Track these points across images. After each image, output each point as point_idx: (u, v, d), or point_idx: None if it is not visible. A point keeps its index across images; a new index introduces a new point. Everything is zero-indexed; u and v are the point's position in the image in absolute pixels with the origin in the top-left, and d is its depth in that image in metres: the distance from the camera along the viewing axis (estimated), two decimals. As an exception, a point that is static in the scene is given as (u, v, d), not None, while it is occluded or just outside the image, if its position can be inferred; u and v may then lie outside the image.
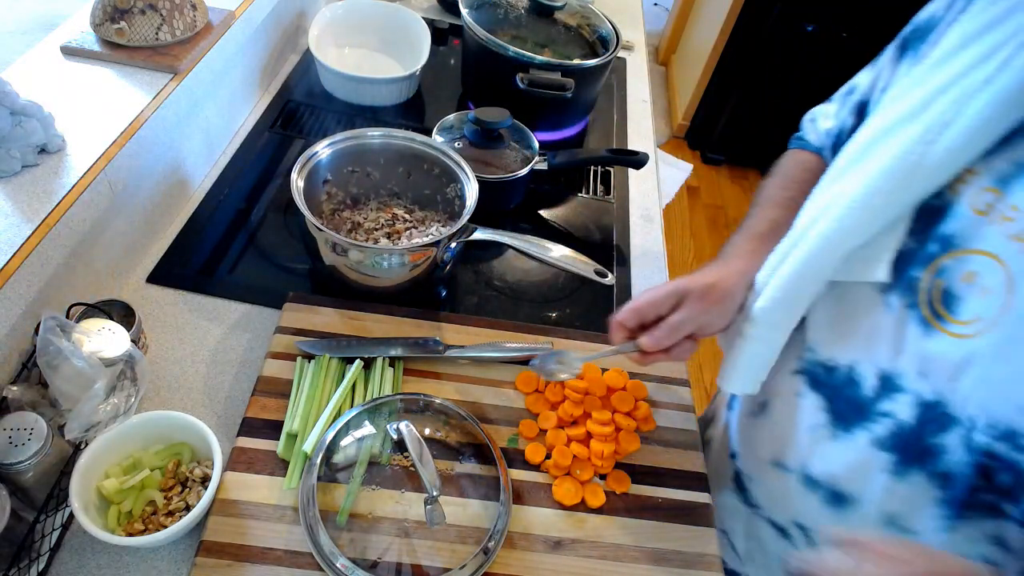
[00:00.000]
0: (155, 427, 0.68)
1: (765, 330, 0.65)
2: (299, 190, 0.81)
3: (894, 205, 0.57)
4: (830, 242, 0.59)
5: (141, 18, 0.87)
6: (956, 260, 0.54)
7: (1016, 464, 0.51)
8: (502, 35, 1.18)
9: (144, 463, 0.67)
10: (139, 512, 0.64)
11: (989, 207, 0.53)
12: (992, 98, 0.51)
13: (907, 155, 0.55)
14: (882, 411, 0.59)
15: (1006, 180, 0.52)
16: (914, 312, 0.56)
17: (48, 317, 0.63)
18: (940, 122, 0.54)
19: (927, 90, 0.56)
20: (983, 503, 0.55)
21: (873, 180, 0.57)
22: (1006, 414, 0.51)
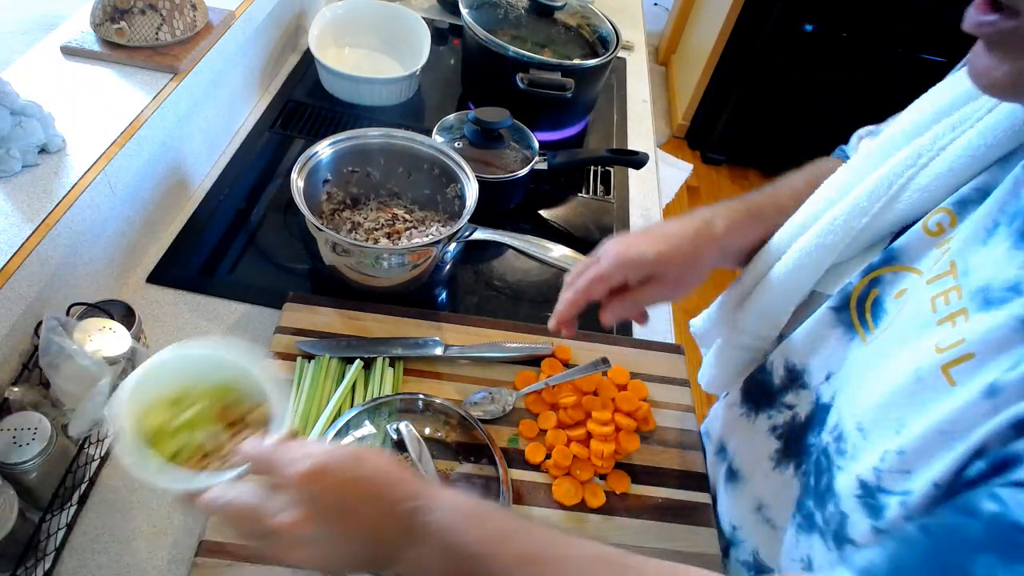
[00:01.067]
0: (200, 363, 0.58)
1: (751, 339, 0.66)
2: (299, 190, 0.81)
3: (874, 227, 0.56)
4: (811, 258, 0.59)
5: (141, 18, 0.87)
6: (894, 275, 0.53)
7: (831, 467, 0.50)
8: (502, 35, 1.18)
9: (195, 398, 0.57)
10: (188, 456, 0.54)
11: (940, 228, 0.51)
12: (985, 128, 0.49)
13: (895, 177, 0.54)
14: (786, 403, 0.61)
15: (964, 204, 0.50)
16: (841, 315, 0.56)
17: (50, 317, 0.63)
18: (933, 147, 0.52)
19: (933, 107, 0.54)
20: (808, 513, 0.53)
21: (858, 199, 0.56)
22: (846, 420, 0.50)
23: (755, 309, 0.64)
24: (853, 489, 0.47)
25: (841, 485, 0.49)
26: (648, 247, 0.62)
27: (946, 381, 0.43)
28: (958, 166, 0.51)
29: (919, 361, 0.45)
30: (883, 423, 0.47)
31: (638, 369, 0.83)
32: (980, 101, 0.51)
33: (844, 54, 2.62)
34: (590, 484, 0.72)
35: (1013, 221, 0.45)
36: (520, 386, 0.79)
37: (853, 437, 0.49)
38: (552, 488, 0.72)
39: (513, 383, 0.80)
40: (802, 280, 0.60)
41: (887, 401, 0.47)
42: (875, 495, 0.46)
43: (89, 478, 0.67)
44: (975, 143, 0.50)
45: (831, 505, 0.50)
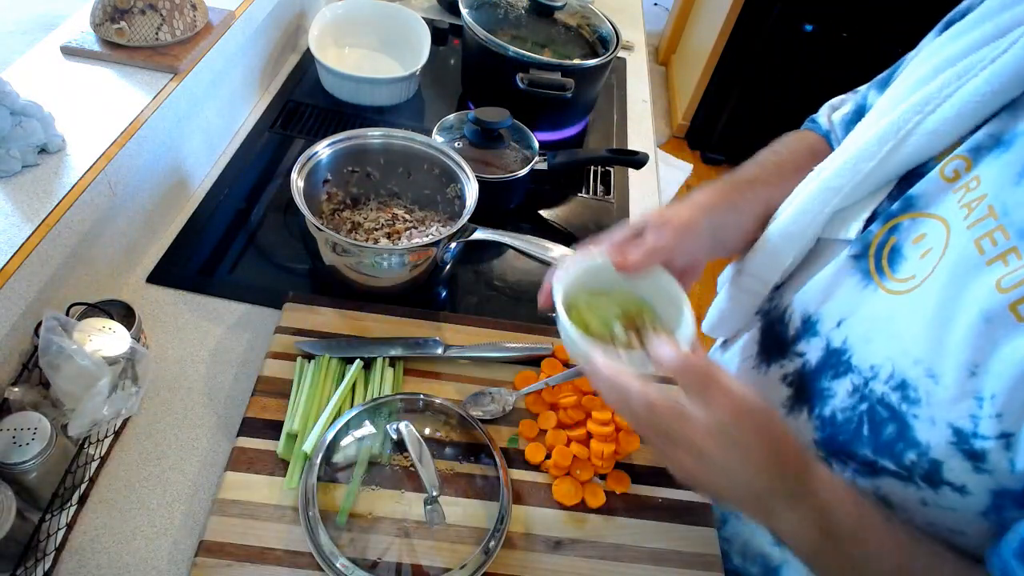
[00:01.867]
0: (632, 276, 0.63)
1: (752, 281, 0.68)
2: (299, 190, 0.81)
3: (881, 170, 0.57)
4: (817, 199, 0.61)
5: (141, 18, 0.87)
6: (912, 221, 0.55)
7: (902, 415, 0.51)
8: (502, 35, 1.18)
9: (611, 300, 0.64)
10: (597, 331, 0.60)
11: (956, 174, 0.53)
12: (991, 75, 0.51)
13: (903, 122, 0.56)
14: (797, 351, 0.62)
15: (978, 150, 0.52)
16: (859, 263, 0.57)
17: (50, 316, 0.63)
18: (940, 95, 0.54)
19: (937, 61, 0.56)
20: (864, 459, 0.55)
21: (866, 144, 0.58)
22: (903, 366, 0.51)
23: (760, 251, 0.66)
24: (945, 437, 0.48)
25: (926, 434, 0.49)
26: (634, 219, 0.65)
27: (1015, 319, 0.44)
28: (965, 111, 0.52)
29: (982, 302, 0.46)
30: (955, 367, 0.47)
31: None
32: (983, 52, 0.53)
33: (844, 54, 2.62)
34: (590, 484, 0.72)
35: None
36: (520, 386, 0.79)
37: (924, 384, 0.49)
38: (552, 488, 0.72)
39: (513, 383, 0.80)
40: (807, 223, 0.62)
41: (956, 346, 0.47)
42: (970, 441, 0.47)
43: (89, 478, 0.67)
44: (981, 89, 0.51)
45: (911, 453, 0.50)
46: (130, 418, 0.73)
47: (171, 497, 0.68)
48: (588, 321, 0.62)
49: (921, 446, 0.50)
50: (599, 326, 0.62)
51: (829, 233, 0.61)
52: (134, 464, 0.70)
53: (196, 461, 0.71)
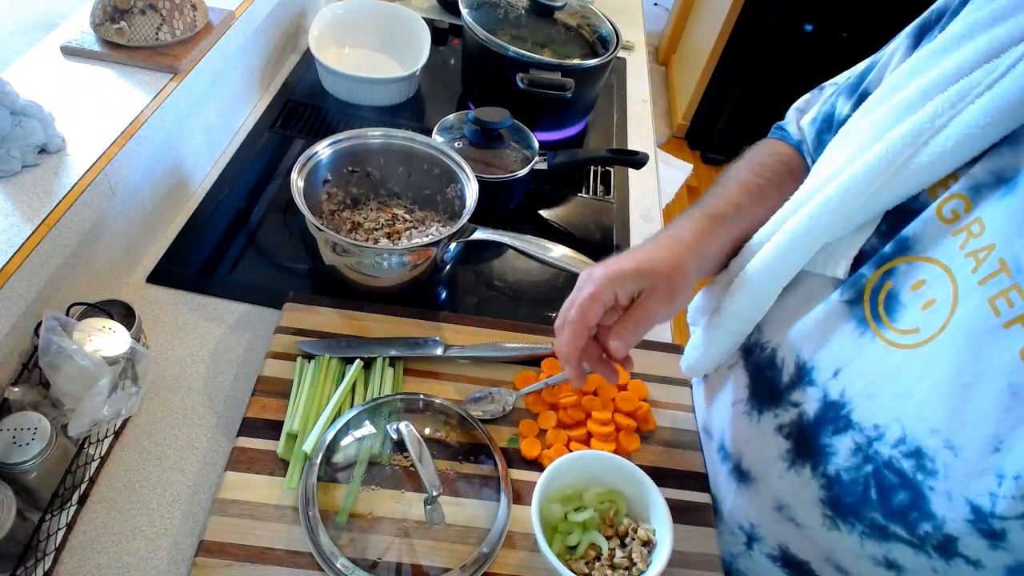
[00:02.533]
0: (597, 467, 0.68)
1: (733, 322, 0.64)
2: (299, 190, 0.81)
3: (871, 206, 0.54)
4: (802, 239, 0.57)
5: (141, 18, 0.87)
6: (909, 265, 0.51)
7: (916, 485, 0.49)
8: (502, 35, 1.18)
9: (585, 501, 0.68)
10: (582, 553, 0.64)
11: (955, 215, 0.49)
12: (990, 105, 0.47)
13: (894, 157, 0.52)
14: (792, 400, 0.59)
15: (978, 190, 0.49)
16: (854, 309, 0.54)
17: (50, 316, 0.63)
18: (932, 125, 0.50)
19: (925, 83, 0.52)
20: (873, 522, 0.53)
21: (854, 179, 0.54)
22: (918, 433, 0.48)
23: (741, 290, 0.62)
24: (963, 514, 0.46)
25: (942, 508, 0.47)
26: (627, 262, 0.60)
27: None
28: (962, 143, 0.49)
29: (1009, 374, 0.43)
30: (977, 441, 0.45)
31: (638, 369, 0.83)
32: (975, 76, 0.49)
33: (844, 54, 2.62)
34: (590, 484, 0.72)
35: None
36: (520, 386, 0.79)
37: (943, 456, 0.47)
38: (552, 488, 0.72)
39: (513, 383, 0.80)
40: (792, 261, 0.58)
41: (978, 418, 0.45)
42: (988, 520, 0.45)
43: (89, 478, 0.67)
44: (980, 120, 0.47)
45: (926, 525, 0.48)
46: (130, 418, 0.73)
47: (171, 497, 0.68)
48: (569, 538, 0.66)
49: (936, 519, 0.48)
50: (581, 541, 0.65)
51: (813, 267, 0.58)
52: (134, 464, 0.70)
53: (196, 461, 0.71)
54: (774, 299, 0.61)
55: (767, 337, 0.64)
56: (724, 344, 0.67)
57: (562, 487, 0.68)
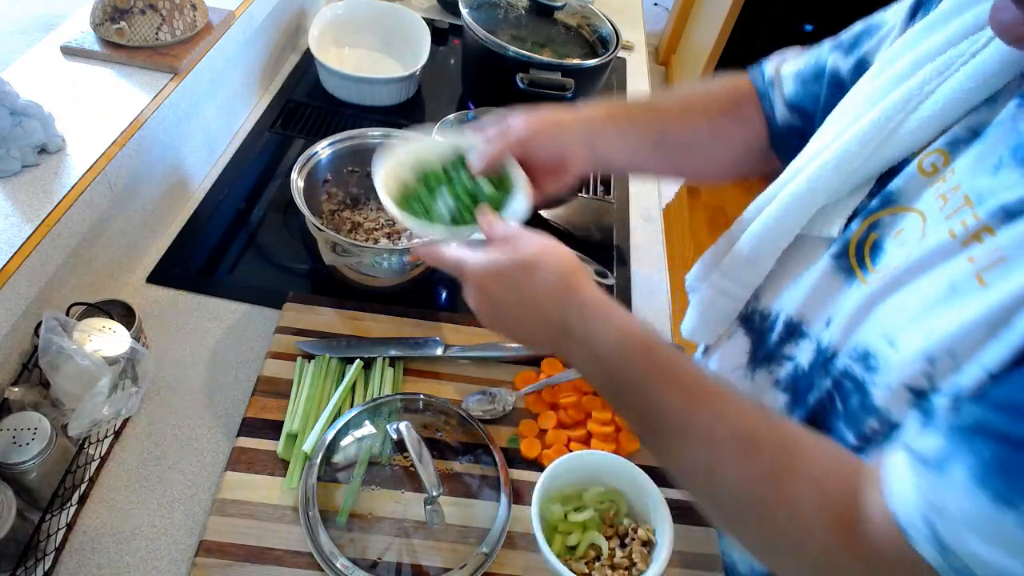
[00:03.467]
0: (597, 467, 0.69)
1: (732, 284, 0.67)
2: (299, 190, 0.81)
3: (865, 169, 0.58)
4: (803, 201, 0.60)
5: (141, 18, 0.87)
6: (892, 216, 0.55)
7: (863, 384, 0.52)
8: (502, 35, 1.18)
9: (585, 501, 0.68)
10: (582, 553, 0.65)
11: (935, 168, 0.53)
12: (973, 71, 0.51)
13: (886, 121, 0.56)
14: (786, 354, 0.62)
15: (956, 144, 0.52)
16: (842, 262, 0.58)
17: (50, 316, 0.63)
18: (922, 91, 0.54)
19: (917, 55, 0.56)
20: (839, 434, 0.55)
21: (849, 144, 0.58)
22: (869, 339, 0.52)
23: (742, 254, 0.65)
24: (903, 398, 0.49)
25: (881, 399, 0.50)
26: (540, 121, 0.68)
27: (978, 283, 0.45)
28: (948, 107, 0.53)
29: (952, 274, 0.47)
30: (914, 331, 0.48)
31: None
32: (963, 46, 0.53)
33: (844, 54, 2.62)
34: (590, 484, 0.72)
35: (1016, 153, 0.47)
36: (520, 386, 0.79)
37: (883, 351, 0.50)
38: (552, 488, 0.72)
39: (513, 383, 0.80)
40: (790, 224, 0.62)
41: (917, 313, 0.48)
42: (928, 397, 0.47)
43: (89, 478, 0.67)
44: (964, 85, 0.52)
45: (872, 420, 0.51)
46: (130, 418, 0.73)
47: (171, 497, 0.68)
48: (570, 538, 0.67)
49: (880, 411, 0.50)
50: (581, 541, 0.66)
51: (810, 230, 0.61)
52: (134, 464, 0.70)
53: (196, 461, 0.71)
54: (773, 262, 0.64)
55: (764, 303, 0.66)
56: (723, 308, 0.69)
57: (562, 487, 0.68)
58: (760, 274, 0.65)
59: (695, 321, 0.73)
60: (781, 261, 0.64)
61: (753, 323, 0.67)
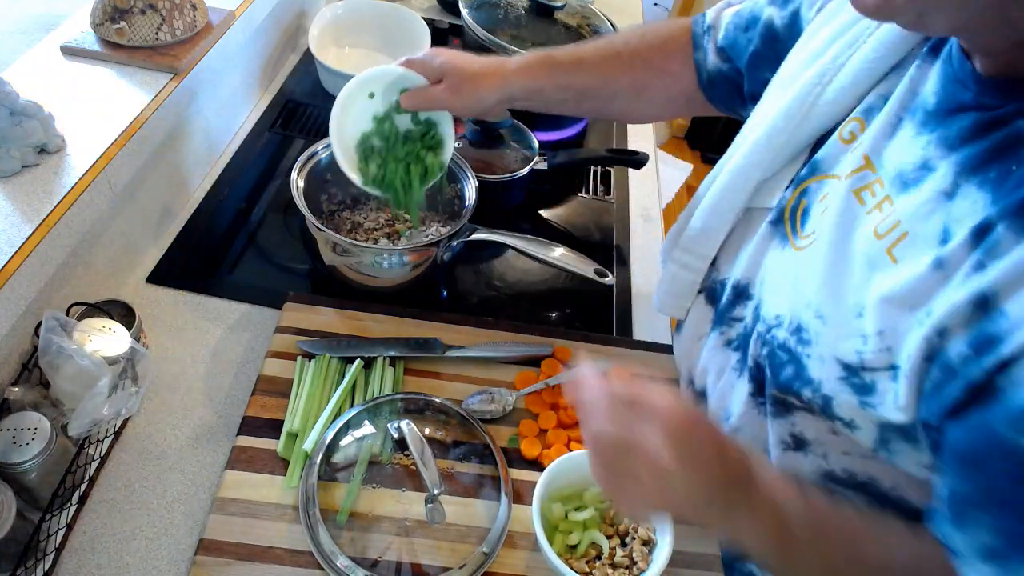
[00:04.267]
0: None
1: (690, 257, 0.71)
2: (299, 190, 0.81)
3: (793, 141, 0.62)
4: (740, 176, 0.65)
5: (141, 18, 0.87)
6: (819, 184, 0.59)
7: (797, 356, 0.54)
8: (502, 35, 1.18)
9: (585, 501, 0.68)
10: (583, 552, 0.65)
11: (852, 136, 0.57)
12: (877, 43, 0.56)
13: (805, 96, 0.60)
14: (735, 316, 0.66)
15: (870, 111, 0.56)
16: (778, 228, 0.62)
17: (50, 316, 0.63)
18: (834, 66, 0.58)
19: (831, 30, 0.60)
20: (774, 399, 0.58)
21: (775, 120, 0.62)
22: (800, 313, 0.55)
23: (696, 228, 0.70)
24: (835, 373, 0.51)
25: (816, 371, 0.53)
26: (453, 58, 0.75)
27: (889, 260, 0.49)
28: (859, 78, 0.57)
29: (865, 248, 0.51)
30: (843, 309, 0.51)
31: (638, 370, 0.83)
32: (866, 20, 0.57)
33: (844, 54, 2.62)
34: (590, 484, 0.72)
35: (914, 115, 0.51)
36: (520, 386, 0.79)
37: (814, 325, 0.53)
38: (552, 488, 0.72)
39: (513, 383, 0.80)
40: (734, 198, 0.66)
41: (843, 291, 0.51)
42: (859, 374, 0.50)
43: (89, 478, 0.67)
44: (869, 56, 0.56)
45: (807, 391, 0.53)
46: (130, 418, 0.73)
47: (171, 497, 0.68)
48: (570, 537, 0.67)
49: (814, 383, 0.53)
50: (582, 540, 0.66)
51: (755, 203, 0.65)
52: (134, 464, 0.70)
53: (196, 461, 0.71)
54: (724, 234, 0.68)
55: (721, 274, 0.69)
56: (685, 280, 0.73)
57: (562, 487, 0.68)
58: (713, 247, 0.69)
59: (662, 294, 0.77)
60: (733, 233, 0.68)
61: (713, 293, 0.71)
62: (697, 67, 0.79)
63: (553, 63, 0.78)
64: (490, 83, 0.75)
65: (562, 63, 0.78)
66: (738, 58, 0.75)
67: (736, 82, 0.76)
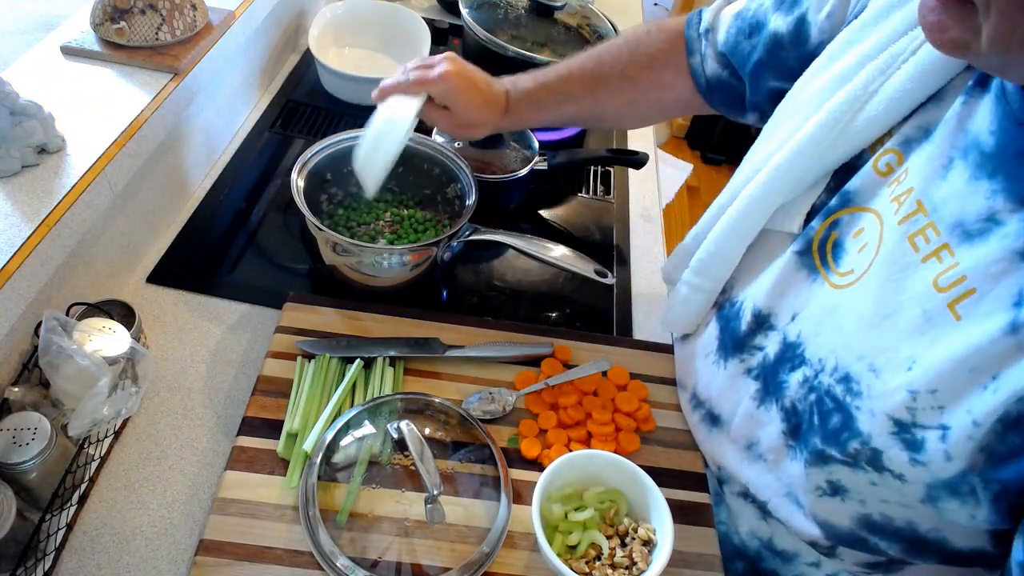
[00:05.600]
0: (597, 466, 0.69)
1: (703, 280, 0.70)
2: (299, 190, 0.81)
3: (818, 168, 0.60)
4: (759, 202, 0.63)
5: (141, 18, 0.87)
6: (851, 216, 0.57)
7: (846, 407, 0.53)
8: (502, 35, 1.18)
9: (585, 501, 0.68)
10: (582, 552, 0.65)
11: (889, 168, 0.55)
12: (914, 69, 0.53)
13: (834, 123, 0.57)
14: (756, 344, 0.65)
15: (908, 143, 0.54)
16: (805, 259, 0.60)
17: (50, 316, 0.63)
18: (866, 92, 0.56)
19: (861, 51, 0.57)
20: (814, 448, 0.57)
21: (800, 145, 0.59)
22: (847, 360, 0.53)
23: (709, 252, 0.68)
24: (886, 427, 0.50)
25: (867, 424, 0.51)
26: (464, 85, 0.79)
27: (952, 317, 0.46)
28: (893, 107, 0.54)
29: (923, 302, 0.48)
30: (894, 362, 0.49)
31: (638, 370, 0.83)
32: (901, 43, 0.54)
33: (844, 54, 2.62)
34: (590, 484, 0.72)
35: (967, 155, 0.48)
36: (520, 386, 0.79)
37: (866, 377, 0.51)
38: (552, 488, 0.72)
39: (513, 383, 0.80)
40: (751, 223, 0.64)
41: (894, 342, 0.49)
42: (910, 430, 0.48)
43: (89, 478, 0.67)
44: (905, 85, 0.53)
45: (855, 442, 0.52)
46: (130, 418, 0.73)
47: (171, 497, 0.68)
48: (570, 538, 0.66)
49: (863, 435, 0.51)
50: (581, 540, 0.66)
51: (772, 225, 0.64)
52: (134, 464, 0.70)
53: (196, 461, 0.71)
54: (739, 258, 0.67)
55: (735, 294, 0.68)
56: (697, 300, 0.72)
57: (562, 487, 0.68)
58: (728, 269, 0.68)
59: (673, 315, 0.77)
60: (747, 254, 0.67)
61: (723, 310, 0.70)
62: (693, 72, 0.78)
63: (540, 103, 0.84)
64: (490, 99, 0.82)
65: (548, 102, 0.84)
66: (740, 66, 0.74)
67: (737, 90, 0.76)
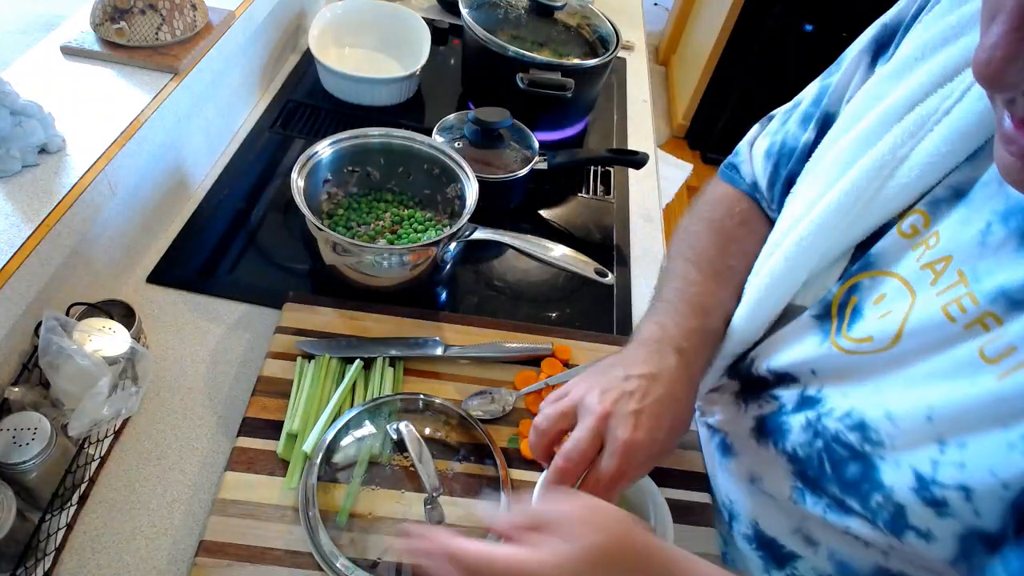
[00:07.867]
0: None
1: (722, 360, 0.67)
2: (299, 190, 0.81)
3: (845, 240, 0.55)
4: (783, 280, 0.59)
5: (141, 18, 0.87)
6: (872, 280, 0.53)
7: (866, 455, 0.50)
8: (502, 35, 1.18)
9: None
10: None
11: (914, 230, 0.51)
12: (948, 132, 0.48)
13: (860, 191, 0.53)
14: (774, 395, 0.62)
15: (936, 204, 0.50)
16: (823, 324, 0.56)
17: (50, 316, 0.63)
18: (894, 157, 0.51)
19: (883, 110, 0.53)
20: (833, 496, 0.54)
21: (824, 217, 0.55)
22: (861, 406, 0.51)
23: (729, 335, 0.65)
24: (908, 482, 0.47)
25: (891, 476, 0.48)
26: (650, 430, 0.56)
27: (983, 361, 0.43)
28: (926, 172, 0.50)
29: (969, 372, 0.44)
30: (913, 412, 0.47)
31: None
32: (931, 103, 0.50)
33: (844, 54, 2.62)
34: (590, 484, 0.72)
35: (1007, 220, 0.45)
36: (520, 386, 0.79)
37: (884, 426, 0.49)
38: (552, 488, 0.72)
39: (513, 383, 0.80)
40: (775, 299, 0.60)
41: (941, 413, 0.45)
42: (931, 487, 0.45)
43: (89, 478, 0.67)
44: (940, 149, 0.49)
45: (877, 495, 0.49)
46: (130, 418, 0.73)
47: (171, 497, 0.68)
48: None
49: (886, 488, 0.48)
50: None
51: (797, 300, 0.60)
52: (134, 464, 0.70)
53: (196, 461, 0.71)
54: (763, 332, 0.63)
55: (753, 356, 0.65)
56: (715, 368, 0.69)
57: None
58: (747, 344, 0.65)
59: None
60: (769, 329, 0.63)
61: (739, 371, 0.67)
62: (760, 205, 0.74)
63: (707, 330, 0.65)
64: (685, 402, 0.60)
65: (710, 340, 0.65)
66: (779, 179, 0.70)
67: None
